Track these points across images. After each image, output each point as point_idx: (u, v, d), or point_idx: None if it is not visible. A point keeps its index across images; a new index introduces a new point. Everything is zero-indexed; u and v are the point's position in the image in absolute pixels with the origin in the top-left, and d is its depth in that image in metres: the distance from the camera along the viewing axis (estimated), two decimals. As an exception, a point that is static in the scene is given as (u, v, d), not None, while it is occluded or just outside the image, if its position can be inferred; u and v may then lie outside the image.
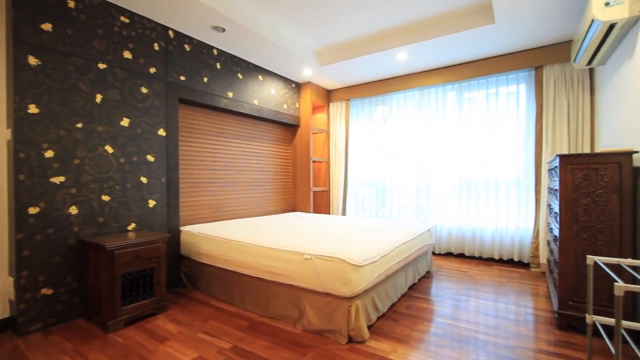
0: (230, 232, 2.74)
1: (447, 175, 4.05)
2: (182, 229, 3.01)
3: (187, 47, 3.05)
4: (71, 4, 2.25)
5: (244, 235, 2.63)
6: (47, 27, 2.13)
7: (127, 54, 2.58)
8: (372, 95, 4.58)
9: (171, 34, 2.91)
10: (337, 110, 4.94)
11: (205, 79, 3.23)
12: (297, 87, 4.58)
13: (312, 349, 1.87)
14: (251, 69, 3.79)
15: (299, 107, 4.61)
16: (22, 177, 2.03)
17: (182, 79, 3.01)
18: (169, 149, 2.89)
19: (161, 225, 2.83)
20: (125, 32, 2.56)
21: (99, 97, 2.41)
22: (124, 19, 2.56)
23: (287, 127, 4.63)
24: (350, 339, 1.94)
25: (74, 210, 2.27)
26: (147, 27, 2.72)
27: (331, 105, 5.03)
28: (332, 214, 4.63)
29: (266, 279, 2.30)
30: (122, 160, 2.55)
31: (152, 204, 2.75)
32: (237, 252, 2.47)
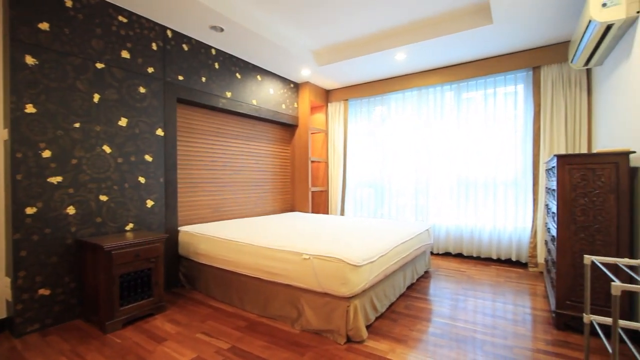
0: (228, 232, 2.73)
1: (446, 175, 4.06)
2: (180, 229, 3.00)
3: (185, 47, 3.04)
4: (69, 3, 2.24)
5: (243, 235, 2.62)
6: (44, 26, 2.12)
7: (125, 54, 2.57)
8: (371, 95, 4.59)
9: (169, 33, 2.90)
10: (336, 110, 4.94)
11: (203, 79, 3.22)
12: (295, 87, 4.58)
13: (310, 349, 1.87)
14: (249, 69, 3.79)
15: (297, 107, 4.60)
16: (19, 177, 2.02)
17: (180, 78, 3.00)
18: (167, 149, 2.89)
19: (159, 225, 2.82)
20: (123, 32, 2.56)
21: (96, 97, 2.40)
22: (122, 18, 2.55)
23: (286, 127, 4.63)
24: (348, 339, 1.94)
25: (71, 210, 2.26)
26: (145, 27, 2.71)
27: (330, 105, 5.03)
28: (331, 214, 4.63)
29: (264, 279, 2.29)
30: (120, 160, 2.54)
31: (150, 204, 2.75)
32: (236, 252, 2.46)
